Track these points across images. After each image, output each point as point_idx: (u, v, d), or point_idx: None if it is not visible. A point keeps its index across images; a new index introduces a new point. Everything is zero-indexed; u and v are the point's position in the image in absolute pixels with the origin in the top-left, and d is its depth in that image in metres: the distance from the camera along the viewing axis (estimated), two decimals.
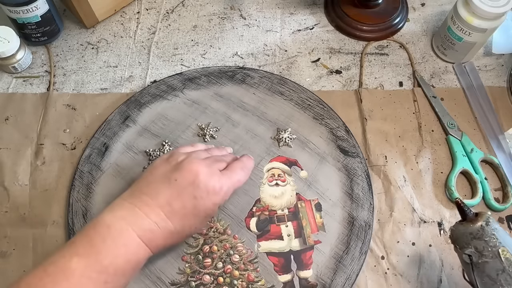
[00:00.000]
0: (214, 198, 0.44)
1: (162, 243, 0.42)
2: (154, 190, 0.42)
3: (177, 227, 0.42)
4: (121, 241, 0.39)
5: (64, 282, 0.35)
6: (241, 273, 0.49)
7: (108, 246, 0.38)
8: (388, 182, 0.56)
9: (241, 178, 0.47)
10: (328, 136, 0.58)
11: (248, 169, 0.49)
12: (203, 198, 0.43)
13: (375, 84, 0.63)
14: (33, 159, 0.57)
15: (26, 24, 0.62)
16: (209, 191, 0.43)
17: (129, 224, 0.40)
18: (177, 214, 0.42)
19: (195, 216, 0.43)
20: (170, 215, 0.41)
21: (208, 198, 0.43)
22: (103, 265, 0.37)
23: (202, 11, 0.70)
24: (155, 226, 0.41)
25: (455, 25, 0.59)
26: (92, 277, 0.36)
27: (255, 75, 0.62)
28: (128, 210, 0.41)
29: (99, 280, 0.37)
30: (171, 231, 0.42)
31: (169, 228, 0.41)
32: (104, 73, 0.64)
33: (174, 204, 0.42)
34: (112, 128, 0.58)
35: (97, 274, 0.37)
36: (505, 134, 0.58)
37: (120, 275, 0.38)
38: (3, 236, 0.52)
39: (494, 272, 0.39)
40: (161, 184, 0.43)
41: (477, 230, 0.40)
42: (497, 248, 0.39)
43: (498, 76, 0.64)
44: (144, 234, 0.40)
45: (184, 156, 0.45)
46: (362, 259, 0.50)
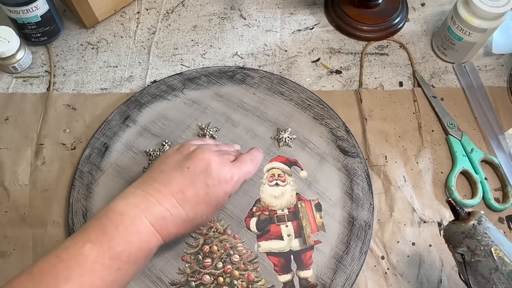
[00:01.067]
0: (225, 187, 0.44)
1: (174, 231, 0.42)
2: (167, 177, 0.43)
3: (189, 214, 0.42)
4: (133, 228, 0.39)
5: (77, 268, 0.35)
6: (241, 273, 0.49)
7: (121, 233, 0.38)
8: (388, 182, 0.56)
9: (250, 169, 0.48)
10: (328, 136, 0.58)
11: (257, 161, 0.50)
12: (215, 186, 0.43)
13: (375, 84, 0.63)
14: (33, 159, 0.57)
15: (26, 24, 0.62)
16: (221, 180, 0.44)
17: (141, 211, 0.40)
18: (189, 201, 0.42)
19: (206, 204, 0.43)
20: (182, 203, 0.41)
21: (220, 187, 0.43)
22: (116, 252, 0.37)
23: (202, 11, 0.70)
24: (168, 213, 0.41)
25: (455, 25, 0.59)
26: (105, 263, 0.36)
27: (255, 75, 0.62)
28: (140, 197, 0.41)
29: (111, 267, 0.37)
30: (183, 219, 0.42)
31: (181, 216, 0.41)
32: (104, 73, 0.64)
33: (187, 191, 0.42)
34: (112, 128, 0.58)
35: (110, 260, 0.37)
36: (505, 134, 0.58)
37: (133, 262, 0.38)
38: (3, 236, 0.52)
39: (487, 271, 0.39)
40: (173, 172, 0.43)
41: (469, 229, 0.40)
42: (490, 247, 0.39)
43: (498, 76, 0.64)
44: (157, 222, 0.40)
45: (195, 146, 0.46)
46: (362, 259, 0.50)
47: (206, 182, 0.43)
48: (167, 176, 0.43)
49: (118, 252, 0.37)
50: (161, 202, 0.41)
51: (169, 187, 0.42)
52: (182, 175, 0.43)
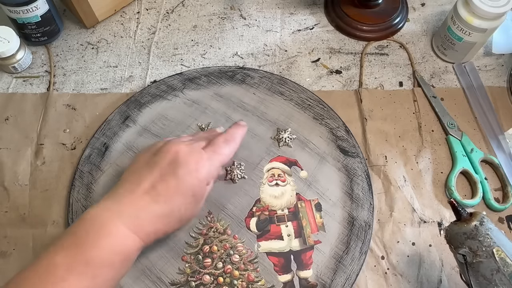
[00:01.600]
0: (198, 175, 0.43)
1: (152, 229, 0.41)
2: (137, 177, 0.42)
3: (164, 209, 0.41)
4: (105, 232, 0.38)
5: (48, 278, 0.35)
6: (241, 273, 0.49)
7: (92, 238, 0.37)
8: (388, 182, 0.56)
9: (225, 151, 0.46)
10: (328, 136, 0.58)
11: (234, 140, 0.48)
12: (186, 175, 0.42)
13: (375, 84, 0.63)
14: (33, 159, 0.57)
15: (26, 24, 0.62)
16: (191, 168, 0.43)
17: (113, 213, 0.39)
18: (162, 195, 0.41)
19: (181, 195, 0.42)
20: (155, 198, 0.41)
21: (191, 175, 0.42)
22: (88, 258, 0.36)
23: (202, 11, 0.70)
24: (141, 212, 0.40)
25: (455, 25, 0.59)
26: (79, 271, 0.36)
27: (255, 75, 0.62)
28: (112, 200, 0.41)
29: (85, 273, 0.36)
30: (158, 214, 0.41)
31: (156, 212, 0.41)
32: (104, 73, 0.64)
33: (158, 186, 0.41)
34: (112, 128, 0.58)
35: (83, 267, 0.36)
36: (505, 134, 0.58)
37: (108, 267, 0.37)
38: (3, 236, 0.52)
39: (489, 272, 0.39)
40: (143, 170, 0.43)
41: (471, 230, 0.40)
42: (491, 248, 0.39)
43: (498, 76, 0.64)
44: (130, 222, 0.39)
45: (163, 142, 0.46)
46: (362, 259, 0.50)
47: (175, 173, 0.42)
48: (138, 175, 0.42)
49: (90, 258, 0.36)
50: (133, 202, 0.40)
51: (140, 186, 0.41)
52: (151, 172, 0.42)
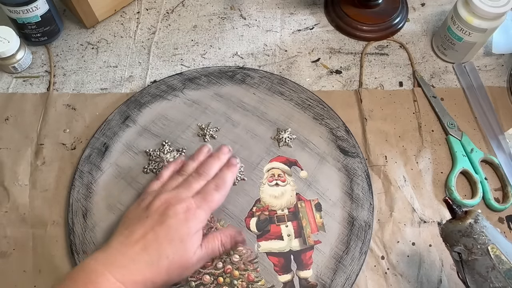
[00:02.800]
0: (187, 224, 0.44)
1: (140, 279, 0.42)
2: (130, 230, 0.44)
3: (153, 258, 0.42)
4: (91, 281, 0.40)
5: None
6: (241, 273, 0.49)
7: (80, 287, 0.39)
8: (388, 182, 0.56)
9: (215, 198, 0.47)
10: (328, 136, 0.58)
11: (225, 184, 0.48)
12: (175, 223, 0.44)
13: (375, 84, 0.63)
14: (33, 159, 0.57)
15: (26, 24, 0.62)
16: (180, 218, 0.44)
17: (102, 264, 0.41)
18: (150, 245, 0.42)
19: (169, 243, 0.43)
20: (144, 248, 0.42)
21: (181, 223, 0.44)
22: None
23: (202, 11, 0.70)
24: (131, 262, 0.42)
25: (455, 25, 0.59)
26: None
27: (255, 75, 0.62)
28: (104, 252, 0.42)
29: None
30: (147, 263, 0.42)
31: (145, 260, 0.42)
32: (104, 73, 0.64)
33: (147, 236, 0.43)
34: (112, 128, 0.58)
35: None
36: (505, 134, 0.58)
37: None
38: (3, 236, 0.52)
39: (484, 270, 0.39)
40: (134, 224, 0.44)
41: (465, 227, 0.40)
42: (486, 245, 0.39)
43: (498, 76, 0.64)
44: (118, 271, 0.41)
45: (153, 196, 0.47)
46: (362, 259, 0.50)
47: (165, 223, 0.44)
48: (130, 229, 0.44)
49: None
50: (124, 253, 0.42)
51: (132, 238, 0.43)
52: (143, 224, 0.44)
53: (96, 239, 0.51)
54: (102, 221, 0.52)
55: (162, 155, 0.56)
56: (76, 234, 0.51)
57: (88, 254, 0.50)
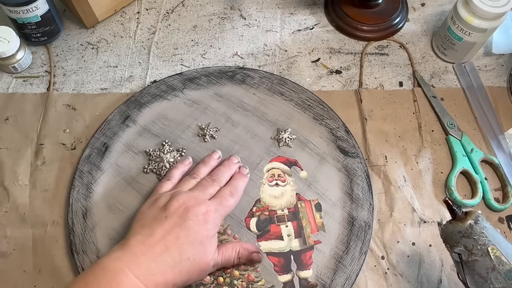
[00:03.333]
0: (205, 226, 0.45)
1: (162, 280, 0.42)
2: (148, 230, 0.44)
3: (175, 259, 0.42)
4: (116, 282, 0.39)
5: None
6: (241, 273, 0.49)
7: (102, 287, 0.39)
8: (388, 182, 0.56)
9: (230, 203, 0.49)
10: (328, 136, 0.58)
11: (238, 191, 0.50)
12: (194, 226, 0.44)
13: (375, 84, 0.63)
14: (33, 159, 0.57)
15: (26, 24, 0.62)
16: (199, 220, 0.45)
17: (125, 264, 0.41)
18: (172, 246, 0.43)
19: (190, 244, 0.43)
20: (165, 249, 0.42)
21: (200, 227, 0.44)
22: None
23: (202, 11, 0.70)
24: (153, 262, 0.41)
25: (455, 25, 0.59)
26: None
27: (255, 75, 0.62)
28: (123, 251, 0.42)
29: None
30: (169, 265, 0.42)
31: (167, 262, 0.42)
32: (104, 73, 0.64)
33: (168, 238, 0.43)
34: (112, 128, 0.58)
35: None
36: (505, 134, 0.58)
37: None
38: (3, 236, 0.52)
39: (484, 271, 0.39)
40: (153, 224, 0.44)
41: (466, 228, 0.40)
42: (487, 246, 0.39)
43: (498, 76, 0.64)
44: (141, 273, 0.41)
45: (169, 196, 0.47)
46: (362, 259, 0.50)
47: (185, 225, 0.44)
48: (148, 228, 0.44)
49: None
50: (144, 253, 0.42)
51: (151, 238, 0.43)
52: (162, 225, 0.44)
53: (96, 239, 0.51)
54: (102, 221, 0.52)
55: (162, 155, 0.56)
56: (76, 234, 0.51)
57: (88, 254, 0.50)
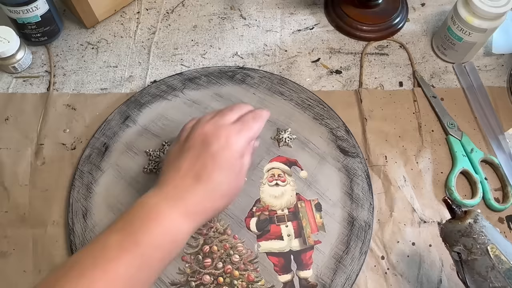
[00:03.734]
0: (230, 146, 0.44)
1: (201, 209, 0.42)
2: (176, 165, 0.44)
3: (208, 186, 0.42)
4: (154, 215, 0.40)
5: (102, 256, 0.37)
6: (241, 273, 0.49)
7: (142, 221, 0.39)
8: (388, 182, 0.56)
9: (253, 126, 0.47)
10: (328, 136, 0.58)
11: (262, 118, 0.48)
12: (219, 150, 0.43)
13: (375, 84, 0.63)
14: (33, 159, 0.57)
15: (26, 24, 0.62)
16: (222, 143, 0.44)
17: (160, 198, 0.41)
18: (202, 175, 0.42)
19: (219, 169, 0.43)
20: (197, 178, 0.42)
21: (224, 148, 0.43)
22: (138, 239, 0.38)
23: (202, 11, 0.70)
24: (187, 193, 0.42)
25: (455, 25, 0.59)
26: (129, 250, 0.38)
27: (255, 75, 0.62)
28: (158, 188, 0.42)
29: (135, 253, 0.38)
30: (204, 193, 0.42)
31: (201, 191, 0.42)
32: (104, 73, 0.64)
33: (196, 167, 0.43)
34: (112, 128, 0.58)
35: (134, 247, 0.38)
36: (505, 134, 0.58)
37: (157, 248, 0.39)
38: (3, 236, 0.52)
39: (484, 269, 0.39)
40: (179, 158, 0.44)
41: (465, 227, 0.40)
42: (486, 245, 0.39)
43: (498, 76, 0.64)
44: (178, 204, 0.41)
45: (187, 130, 0.47)
46: (362, 259, 0.50)
47: (209, 151, 0.43)
48: (176, 163, 0.44)
49: (141, 238, 0.38)
50: (178, 186, 0.42)
51: (180, 171, 0.43)
52: (187, 157, 0.44)
53: None
54: (102, 221, 0.52)
55: (162, 155, 0.56)
56: (76, 234, 0.51)
57: None
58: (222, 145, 0.43)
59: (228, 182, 0.44)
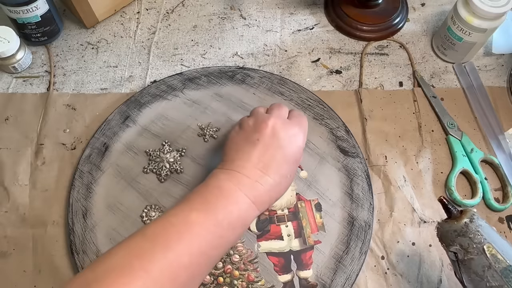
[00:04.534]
0: (296, 142, 0.47)
1: (267, 199, 0.45)
2: (244, 154, 0.45)
3: (276, 178, 0.44)
4: (232, 199, 0.42)
5: (186, 232, 0.39)
6: (241, 273, 0.49)
7: (222, 203, 0.41)
8: (388, 182, 0.56)
9: (305, 122, 0.50)
10: (328, 136, 0.58)
11: (304, 117, 0.51)
12: (287, 145, 0.46)
13: (375, 84, 0.63)
14: (33, 159, 0.57)
15: (26, 24, 0.62)
16: (289, 137, 0.46)
17: (235, 185, 0.43)
18: (271, 167, 0.44)
19: (287, 163, 0.46)
20: (265, 170, 0.44)
21: (291, 144, 0.46)
22: (219, 220, 0.40)
23: (202, 11, 0.70)
24: (257, 183, 0.43)
25: (455, 25, 0.59)
26: (209, 229, 0.40)
27: (255, 75, 0.62)
28: (229, 175, 0.44)
29: (215, 233, 0.40)
30: (272, 184, 0.44)
31: (269, 182, 0.44)
32: (104, 73, 0.64)
33: (265, 159, 0.45)
34: (112, 128, 0.58)
35: (214, 227, 0.40)
36: (505, 134, 0.58)
37: (232, 229, 0.42)
38: (3, 236, 0.52)
39: (480, 269, 0.39)
40: (247, 147, 0.46)
41: (461, 227, 0.40)
42: (482, 244, 0.39)
43: (498, 76, 0.64)
44: (250, 192, 0.43)
45: (253, 120, 0.48)
46: (362, 259, 0.50)
47: (278, 145, 0.45)
48: (243, 152, 0.45)
49: (220, 219, 0.41)
50: (249, 176, 0.44)
51: (249, 161, 0.44)
52: (256, 147, 0.45)
53: (96, 239, 0.51)
54: (102, 221, 0.52)
55: (162, 155, 0.56)
56: (76, 234, 0.51)
57: (88, 254, 0.50)
58: (290, 140, 0.46)
59: (291, 175, 0.47)
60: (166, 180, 0.55)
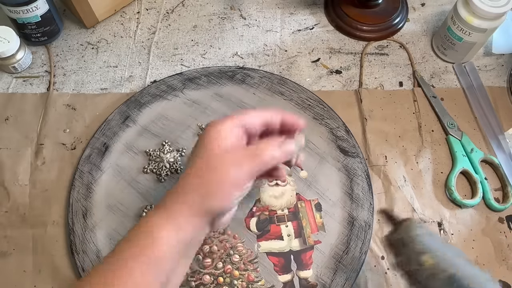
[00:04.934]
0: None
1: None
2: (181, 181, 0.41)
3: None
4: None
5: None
6: (241, 273, 0.49)
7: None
8: (388, 182, 0.56)
9: (275, 154, 0.40)
10: (328, 136, 0.58)
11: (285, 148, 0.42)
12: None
13: (375, 84, 0.63)
14: (33, 159, 0.57)
15: (26, 24, 0.62)
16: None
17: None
18: None
19: None
20: None
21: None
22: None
23: (202, 11, 0.70)
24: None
25: (455, 25, 0.59)
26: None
27: (255, 75, 0.62)
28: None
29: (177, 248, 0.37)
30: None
31: None
32: (104, 73, 0.64)
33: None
34: (112, 128, 0.58)
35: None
36: (505, 134, 0.58)
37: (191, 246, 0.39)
38: (3, 236, 0.52)
39: (424, 279, 0.38)
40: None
41: (404, 237, 0.40)
42: (424, 253, 0.38)
43: (498, 76, 0.64)
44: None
45: None
46: (362, 259, 0.50)
47: None
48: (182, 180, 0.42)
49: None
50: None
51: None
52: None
53: (96, 239, 0.51)
54: (102, 221, 0.52)
55: (162, 155, 0.56)
56: (76, 234, 0.51)
57: (88, 254, 0.50)
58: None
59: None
60: (166, 180, 0.55)
